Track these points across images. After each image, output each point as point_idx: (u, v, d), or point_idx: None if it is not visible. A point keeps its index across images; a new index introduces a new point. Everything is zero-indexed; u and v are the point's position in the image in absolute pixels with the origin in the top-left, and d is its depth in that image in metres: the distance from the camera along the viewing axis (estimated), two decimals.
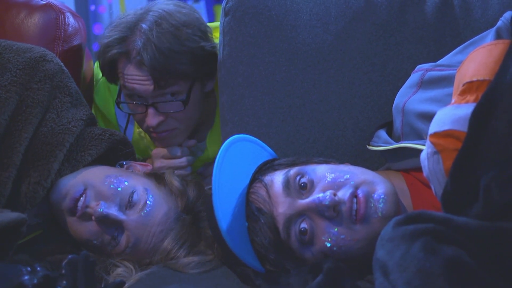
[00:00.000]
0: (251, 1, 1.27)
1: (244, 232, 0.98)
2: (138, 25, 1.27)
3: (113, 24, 1.31)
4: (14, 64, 1.14)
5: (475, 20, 1.23)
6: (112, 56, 1.28)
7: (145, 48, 1.24)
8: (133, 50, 1.26)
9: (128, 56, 1.27)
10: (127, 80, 1.29)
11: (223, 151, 1.00)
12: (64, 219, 1.10)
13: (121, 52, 1.28)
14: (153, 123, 1.31)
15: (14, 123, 1.10)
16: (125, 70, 1.29)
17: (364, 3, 1.26)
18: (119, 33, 1.28)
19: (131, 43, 1.27)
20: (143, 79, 1.27)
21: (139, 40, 1.25)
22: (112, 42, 1.28)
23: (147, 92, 1.29)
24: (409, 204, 1.00)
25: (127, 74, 1.28)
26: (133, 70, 1.28)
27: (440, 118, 0.82)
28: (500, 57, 0.81)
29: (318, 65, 1.26)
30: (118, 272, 1.04)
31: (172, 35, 1.26)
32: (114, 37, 1.28)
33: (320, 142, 1.25)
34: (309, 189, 0.96)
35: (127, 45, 1.27)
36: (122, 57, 1.28)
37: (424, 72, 1.07)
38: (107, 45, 1.29)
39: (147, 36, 1.25)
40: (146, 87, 1.28)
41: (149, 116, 1.31)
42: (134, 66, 1.27)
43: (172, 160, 1.37)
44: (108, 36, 1.29)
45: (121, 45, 1.27)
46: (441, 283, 0.66)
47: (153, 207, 1.09)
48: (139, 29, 1.26)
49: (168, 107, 1.31)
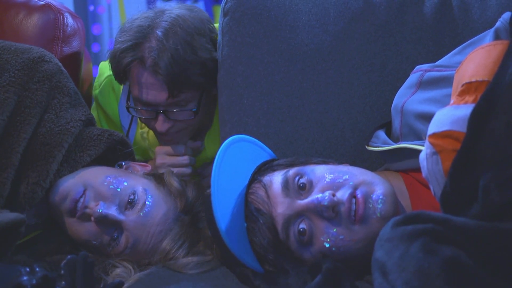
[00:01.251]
0: (250, 2, 1.27)
1: (243, 232, 0.98)
2: (153, 31, 1.25)
3: (125, 29, 1.30)
4: (12, 64, 1.14)
5: (473, 21, 1.23)
6: (126, 63, 1.27)
7: (161, 56, 1.23)
8: (148, 57, 1.25)
9: (143, 62, 1.26)
10: (140, 87, 1.28)
11: (222, 152, 1.00)
12: (63, 220, 1.10)
13: (135, 58, 1.26)
14: (162, 129, 1.31)
15: (12, 124, 1.10)
16: (138, 77, 1.27)
17: (363, 3, 1.26)
18: (132, 39, 1.26)
19: (146, 49, 1.25)
20: (157, 87, 1.27)
21: (155, 47, 1.24)
22: (126, 48, 1.26)
23: (159, 100, 1.28)
24: (408, 204, 1.00)
25: (141, 81, 1.27)
26: (148, 78, 1.27)
27: (439, 118, 0.82)
28: (499, 57, 0.81)
29: (317, 65, 1.26)
30: (117, 272, 1.04)
31: (187, 44, 1.25)
32: (128, 43, 1.26)
33: (319, 142, 1.25)
34: (308, 190, 0.96)
35: (141, 51, 1.26)
36: (136, 63, 1.27)
37: (423, 72, 1.07)
38: (121, 50, 1.27)
39: (163, 44, 1.24)
40: (159, 95, 1.27)
41: (159, 122, 1.31)
42: (149, 74, 1.26)
43: (175, 157, 1.37)
44: (121, 41, 1.27)
45: (135, 51, 1.26)
46: (439, 283, 0.66)
47: (152, 207, 1.09)
48: (154, 36, 1.25)
49: (178, 116, 1.32)
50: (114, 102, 1.47)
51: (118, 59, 1.28)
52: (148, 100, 1.29)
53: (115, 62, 1.30)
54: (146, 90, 1.28)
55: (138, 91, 1.29)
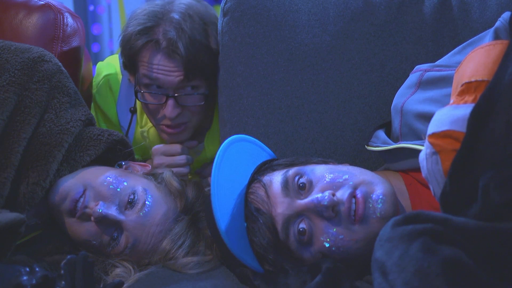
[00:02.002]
0: (250, 2, 1.27)
1: (243, 232, 0.98)
2: (168, 15, 1.27)
3: (137, 14, 1.30)
4: (12, 64, 1.14)
5: (473, 21, 1.23)
6: (139, 45, 1.27)
7: (179, 38, 1.24)
8: (164, 39, 1.25)
9: (158, 44, 1.26)
10: (152, 70, 1.28)
11: (221, 151, 1.00)
12: (62, 220, 1.10)
13: (149, 40, 1.27)
14: (172, 114, 1.30)
15: (12, 124, 1.10)
16: (151, 59, 1.27)
17: (363, 3, 1.26)
18: (146, 22, 1.27)
19: (161, 32, 1.26)
20: (171, 70, 1.27)
21: (172, 29, 1.25)
22: (140, 31, 1.27)
23: (171, 83, 1.28)
24: (407, 204, 1.00)
25: (154, 63, 1.27)
26: (162, 60, 1.27)
27: (438, 118, 0.82)
28: (499, 57, 0.81)
29: (317, 65, 1.26)
30: (117, 272, 1.04)
31: (202, 29, 1.27)
32: (142, 26, 1.27)
33: (319, 142, 1.25)
34: (308, 189, 0.96)
35: (156, 33, 1.26)
36: (150, 46, 1.27)
37: (423, 72, 1.07)
38: (136, 33, 1.27)
39: (181, 26, 1.25)
40: (172, 77, 1.28)
41: (168, 107, 1.30)
42: (163, 55, 1.26)
43: (172, 157, 1.37)
44: (135, 24, 1.28)
45: (149, 34, 1.26)
46: (439, 283, 0.66)
47: (152, 207, 1.09)
48: (169, 20, 1.26)
49: (188, 100, 1.32)
50: (112, 102, 1.47)
51: (131, 42, 1.28)
52: (160, 83, 1.29)
53: (128, 45, 1.30)
54: (158, 73, 1.28)
55: (150, 74, 1.28)
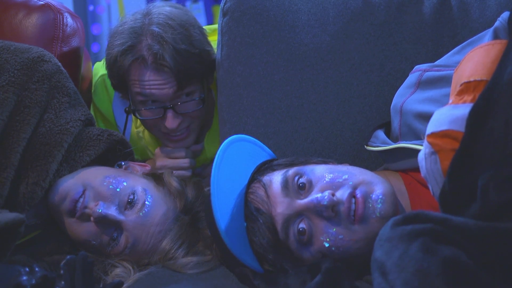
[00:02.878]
0: (250, 2, 1.27)
1: (242, 232, 0.98)
2: (148, 29, 1.26)
3: (116, 33, 1.29)
4: (12, 64, 1.14)
5: (472, 21, 1.23)
6: (126, 65, 1.26)
7: (164, 50, 1.23)
8: (149, 55, 1.25)
9: (145, 61, 1.25)
10: (144, 87, 1.27)
11: (221, 151, 1.00)
12: (62, 220, 1.10)
13: (135, 59, 1.26)
14: (173, 125, 1.30)
15: (12, 124, 1.10)
16: (140, 76, 1.27)
17: (362, 3, 1.26)
18: (128, 40, 1.26)
19: (145, 48, 1.25)
20: (163, 83, 1.27)
21: (155, 44, 1.24)
22: (124, 51, 1.26)
23: (166, 96, 1.28)
24: (407, 204, 1.00)
25: (144, 80, 1.27)
26: (151, 75, 1.26)
27: (437, 118, 0.82)
28: (498, 57, 0.81)
29: (316, 65, 1.26)
30: (116, 272, 1.04)
31: (184, 36, 1.26)
32: (125, 45, 1.26)
33: (318, 142, 1.25)
34: (308, 189, 0.96)
35: (140, 50, 1.25)
36: (137, 64, 1.26)
37: (422, 72, 1.07)
38: (119, 54, 1.26)
39: (163, 38, 1.24)
40: (165, 90, 1.27)
41: (168, 119, 1.30)
42: (152, 71, 1.26)
43: (176, 160, 1.37)
44: (116, 45, 1.27)
45: (133, 52, 1.26)
46: (439, 283, 0.66)
47: (152, 207, 1.09)
48: (150, 33, 1.25)
49: (186, 107, 1.32)
50: (108, 102, 1.47)
51: (118, 63, 1.27)
52: (154, 98, 1.29)
53: (115, 67, 1.29)
54: (151, 88, 1.28)
55: (142, 91, 1.28)
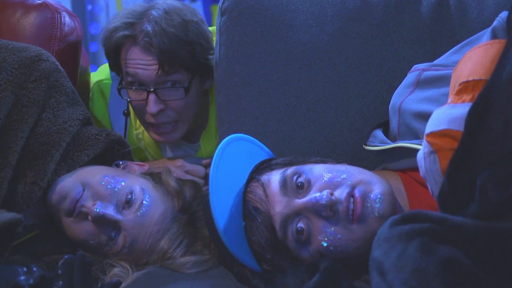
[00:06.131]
0: (248, 1, 1.27)
1: (241, 231, 0.98)
2: (147, 12, 1.31)
3: (120, 13, 1.35)
4: (9, 63, 1.14)
5: (471, 20, 1.23)
6: (118, 38, 1.31)
7: (154, 31, 1.27)
8: (140, 33, 1.29)
9: (135, 39, 1.30)
10: (130, 65, 1.31)
11: (220, 150, 1.00)
12: (60, 219, 1.10)
13: (128, 35, 1.30)
14: (153, 110, 1.31)
15: (10, 123, 1.10)
16: (129, 54, 1.31)
17: (361, 3, 1.26)
18: (127, 19, 1.31)
19: (139, 27, 1.30)
20: (148, 64, 1.29)
21: (148, 24, 1.28)
22: (120, 26, 1.31)
23: (150, 78, 1.30)
24: (405, 204, 1.00)
25: (131, 58, 1.30)
26: (138, 54, 1.30)
27: (436, 117, 0.82)
28: (496, 56, 0.81)
29: (315, 64, 1.26)
30: (114, 272, 1.03)
31: (179, 24, 1.30)
32: (122, 21, 1.31)
33: (317, 141, 1.25)
34: (306, 189, 0.96)
35: (134, 29, 1.30)
36: (128, 41, 1.31)
37: (421, 72, 1.07)
38: (114, 28, 1.31)
39: (157, 21, 1.28)
40: (149, 71, 1.30)
41: (150, 103, 1.31)
42: (139, 50, 1.30)
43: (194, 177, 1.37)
44: (115, 21, 1.32)
45: (128, 29, 1.30)
46: (437, 283, 0.66)
47: (150, 207, 1.09)
48: (148, 16, 1.30)
49: (169, 95, 1.33)
50: (104, 107, 1.49)
51: (109, 37, 1.32)
52: (138, 78, 1.31)
53: (106, 40, 1.34)
54: (136, 67, 1.30)
55: (128, 69, 1.31)
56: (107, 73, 1.51)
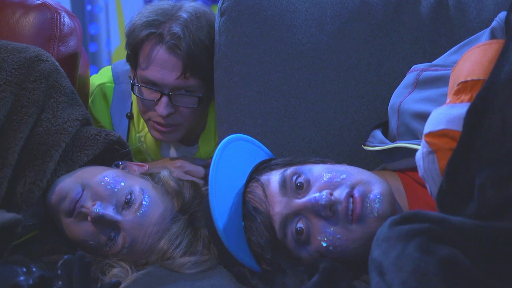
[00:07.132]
0: (247, 1, 1.27)
1: (240, 231, 0.98)
2: (177, 13, 1.29)
3: (146, 10, 1.33)
4: (9, 63, 1.14)
5: (470, 20, 1.23)
6: (144, 35, 1.29)
7: (184, 34, 1.26)
8: (168, 34, 1.28)
9: (161, 38, 1.28)
10: (151, 63, 1.29)
11: (219, 151, 1.00)
12: (60, 219, 1.10)
13: (154, 32, 1.29)
14: (164, 112, 1.31)
15: (9, 123, 1.10)
16: (152, 52, 1.29)
17: (360, 3, 1.26)
18: (155, 16, 1.29)
19: (167, 27, 1.28)
20: (170, 66, 1.28)
21: (177, 26, 1.27)
22: (147, 23, 1.29)
23: (168, 80, 1.29)
24: (405, 204, 1.00)
25: (154, 57, 1.29)
26: (163, 54, 1.28)
27: (435, 117, 0.82)
28: (495, 56, 0.81)
29: (314, 65, 1.26)
30: (114, 272, 1.03)
31: (207, 32, 1.30)
32: (150, 18, 1.29)
33: (316, 141, 1.25)
34: (306, 189, 0.96)
35: (162, 28, 1.29)
36: (153, 39, 1.29)
37: (420, 72, 1.07)
38: (142, 24, 1.29)
39: (187, 24, 1.27)
40: (169, 74, 1.28)
41: (161, 104, 1.31)
42: (165, 50, 1.28)
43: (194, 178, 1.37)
44: (143, 16, 1.31)
45: (155, 27, 1.29)
46: (436, 283, 0.66)
47: (149, 207, 1.09)
48: (177, 17, 1.29)
49: (182, 101, 1.32)
50: (106, 110, 1.48)
51: (136, 32, 1.30)
52: (156, 79, 1.30)
53: (132, 35, 1.32)
54: (157, 68, 1.29)
55: (148, 67, 1.30)
56: (109, 76, 1.51)
